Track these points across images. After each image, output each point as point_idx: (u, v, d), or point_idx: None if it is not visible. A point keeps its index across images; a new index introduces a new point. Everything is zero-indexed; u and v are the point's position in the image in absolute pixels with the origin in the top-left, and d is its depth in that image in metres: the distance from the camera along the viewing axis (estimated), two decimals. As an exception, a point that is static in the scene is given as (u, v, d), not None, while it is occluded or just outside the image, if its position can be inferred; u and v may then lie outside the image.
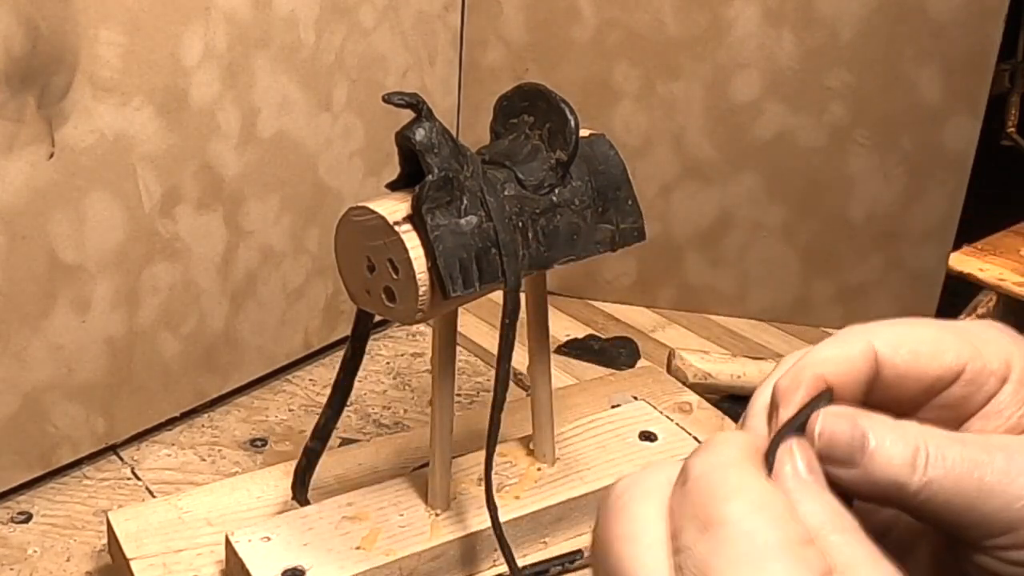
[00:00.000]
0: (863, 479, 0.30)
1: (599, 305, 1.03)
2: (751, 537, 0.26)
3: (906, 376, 0.33)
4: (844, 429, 0.31)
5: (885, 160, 0.94)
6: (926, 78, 0.91)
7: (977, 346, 0.33)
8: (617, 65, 0.95)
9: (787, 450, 0.30)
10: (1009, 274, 1.19)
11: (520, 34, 0.97)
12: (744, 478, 0.28)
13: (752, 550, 0.26)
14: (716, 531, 0.27)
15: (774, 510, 0.27)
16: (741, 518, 0.27)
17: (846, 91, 0.92)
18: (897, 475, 0.30)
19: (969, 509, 0.30)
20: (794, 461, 0.30)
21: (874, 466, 0.30)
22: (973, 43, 0.89)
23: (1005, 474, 0.30)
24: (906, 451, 0.30)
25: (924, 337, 0.33)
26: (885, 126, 0.93)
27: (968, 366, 0.33)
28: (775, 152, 0.95)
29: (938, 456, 0.30)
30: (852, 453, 0.30)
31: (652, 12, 0.93)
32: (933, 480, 0.30)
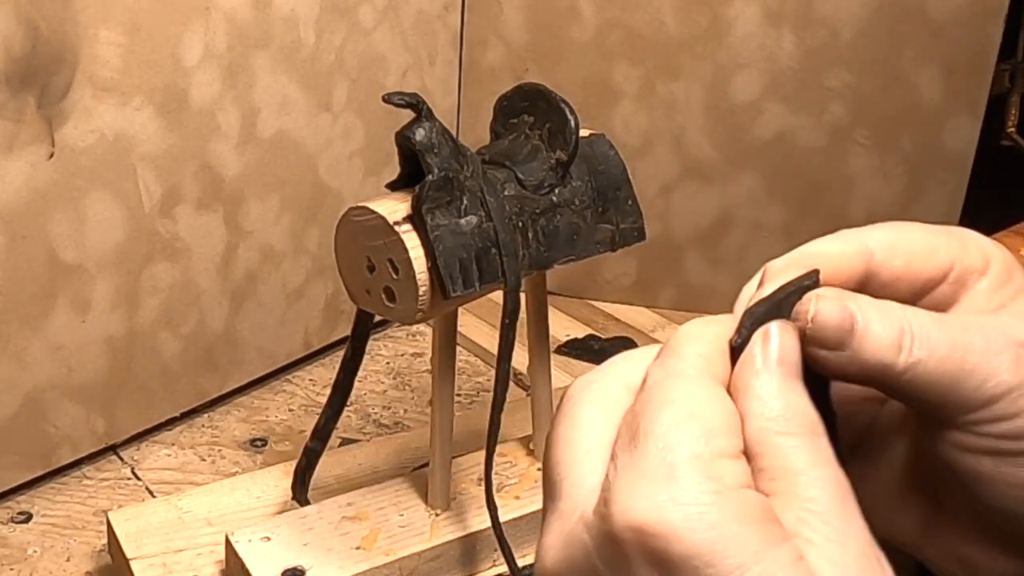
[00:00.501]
0: (850, 362, 0.31)
1: (599, 305, 1.03)
2: (665, 452, 0.26)
3: (901, 278, 0.34)
4: (833, 312, 0.31)
5: (885, 160, 0.94)
6: (926, 78, 0.91)
7: (962, 245, 0.34)
8: (617, 65, 0.95)
9: (762, 336, 0.30)
10: (1009, 274, 1.18)
11: (520, 34, 0.97)
12: (684, 387, 0.28)
13: (661, 465, 0.26)
14: (639, 443, 0.27)
15: (702, 422, 0.27)
16: (663, 431, 0.27)
17: (846, 91, 0.92)
18: (884, 356, 0.31)
19: (950, 387, 0.31)
20: (766, 350, 0.29)
21: (862, 348, 0.31)
22: (973, 43, 0.89)
23: (983, 353, 0.30)
24: (892, 332, 0.31)
25: (917, 239, 0.34)
26: (885, 126, 0.93)
27: (955, 264, 0.34)
28: (775, 152, 0.95)
29: (922, 336, 0.31)
30: (841, 336, 0.31)
31: (652, 12, 0.93)
32: (918, 361, 0.30)
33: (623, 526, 0.26)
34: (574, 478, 0.28)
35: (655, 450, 0.27)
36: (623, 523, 0.26)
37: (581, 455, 0.29)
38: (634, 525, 0.26)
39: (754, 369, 0.29)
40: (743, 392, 0.29)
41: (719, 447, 0.27)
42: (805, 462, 0.27)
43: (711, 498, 0.26)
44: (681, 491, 0.26)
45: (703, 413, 0.27)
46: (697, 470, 0.26)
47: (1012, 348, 0.31)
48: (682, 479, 0.26)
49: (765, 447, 0.28)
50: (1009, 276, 0.34)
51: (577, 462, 0.29)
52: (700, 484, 0.26)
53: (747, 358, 0.29)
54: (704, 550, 0.25)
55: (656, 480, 0.26)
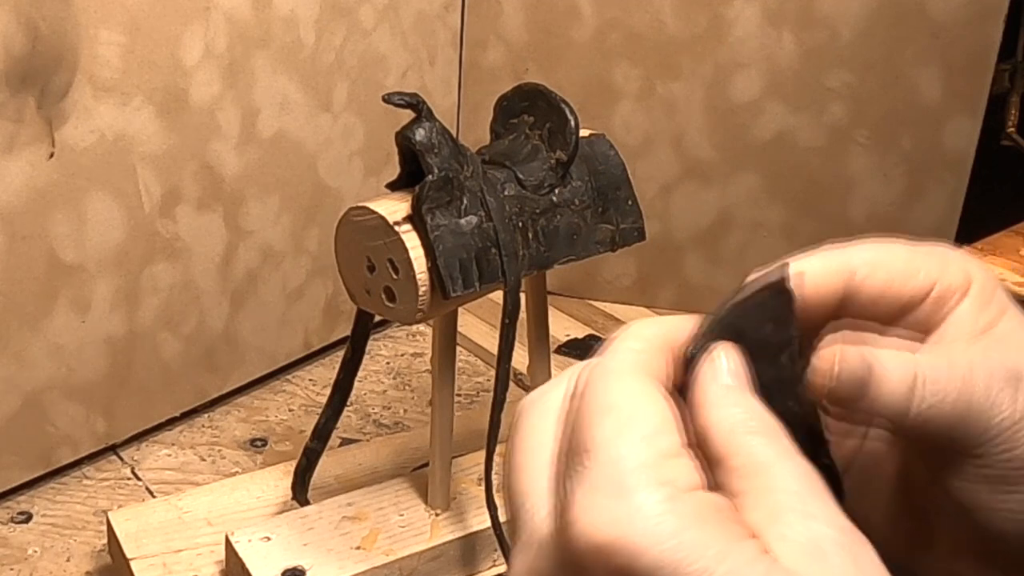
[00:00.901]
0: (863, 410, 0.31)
1: (599, 305, 1.03)
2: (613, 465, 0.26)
3: (882, 297, 0.34)
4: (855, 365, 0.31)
5: (885, 160, 0.94)
6: (926, 78, 0.91)
7: (943, 264, 0.34)
8: (617, 65, 0.95)
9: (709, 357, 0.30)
10: (1009, 274, 1.18)
11: (520, 34, 0.97)
12: (619, 387, 0.28)
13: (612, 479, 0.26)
14: (585, 458, 0.27)
15: (643, 424, 0.27)
16: (607, 441, 0.27)
17: (846, 91, 0.92)
18: (895, 403, 0.31)
19: (957, 427, 0.31)
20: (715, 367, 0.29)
21: (876, 396, 0.31)
22: (973, 43, 0.89)
23: (986, 392, 0.31)
24: (906, 379, 0.31)
25: (898, 258, 0.34)
26: (885, 126, 0.93)
27: (936, 285, 0.34)
28: (775, 152, 0.95)
29: (933, 381, 0.31)
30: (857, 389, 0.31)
31: (652, 12, 0.93)
32: (930, 407, 0.31)
33: (585, 549, 0.26)
34: (529, 505, 0.28)
35: (602, 463, 0.26)
36: (584, 546, 0.26)
37: (533, 479, 0.28)
38: (595, 546, 0.25)
39: (710, 385, 0.29)
40: (703, 406, 0.29)
41: (664, 447, 0.27)
42: (772, 456, 0.27)
43: (666, 506, 0.25)
44: (636, 504, 0.25)
45: (642, 414, 0.27)
46: (648, 478, 0.26)
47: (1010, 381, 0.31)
48: (635, 491, 0.26)
49: (732, 448, 0.27)
50: (991, 295, 0.34)
51: (530, 488, 0.28)
52: (653, 493, 0.26)
53: (700, 376, 0.29)
54: (668, 560, 0.25)
55: (609, 496, 0.26)
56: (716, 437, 0.28)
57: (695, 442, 0.28)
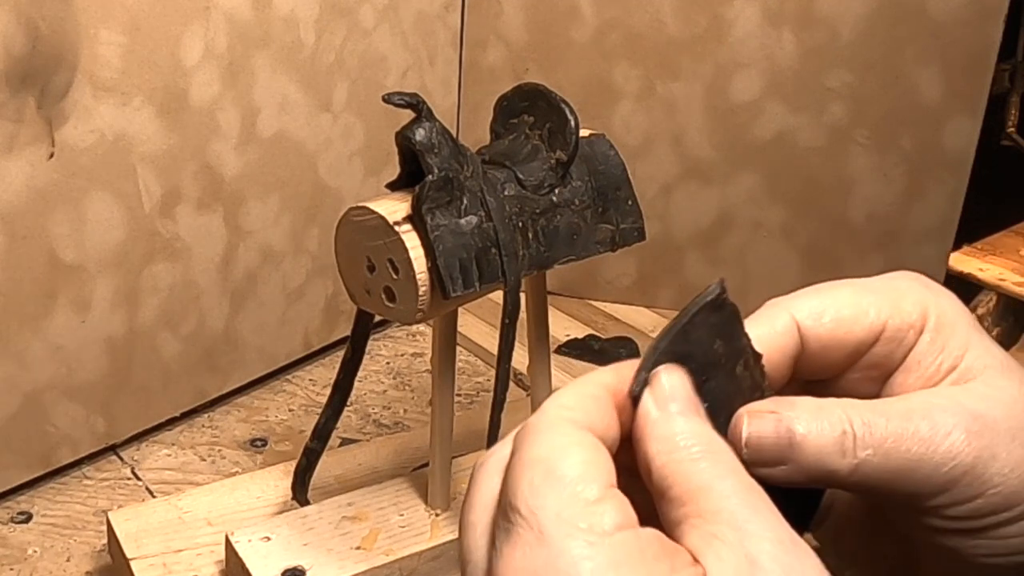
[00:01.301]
0: (793, 473, 0.31)
1: (599, 305, 1.03)
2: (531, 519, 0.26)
3: (830, 345, 0.33)
4: (767, 430, 0.30)
5: (885, 160, 0.94)
6: (926, 78, 0.91)
7: (894, 301, 0.33)
8: (617, 65, 0.95)
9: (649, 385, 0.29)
10: (1009, 274, 1.19)
11: (520, 34, 0.97)
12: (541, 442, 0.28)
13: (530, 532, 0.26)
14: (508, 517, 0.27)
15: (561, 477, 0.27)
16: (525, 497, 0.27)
17: (846, 91, 0.92)
18: (827, 463, 0.30)
19: (901, 479, 0.30)
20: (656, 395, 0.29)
21: (804, 459, 0.30)
22: (973, 43, 0.89)
23: (930, 442, 0.30)
24: (833, 436, 0.30)
25: (844, 302, 0.33)
26: (885, 126, 0.93)
27: (888, 323, 0.33)
28: (775, 152, 0.95)
29: (864, 436, 0.30)
30: (780, 453, 0.30)
31: (652, 12, 0.93)
32: (864, 461, 0.30)
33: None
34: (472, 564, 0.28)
35: (524, 517, 0.26)
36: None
37: (476, 537, 0.28)
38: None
39: (649, 417, 0.29)
40: (644, 440, 0.28)
41: (586, 495, 0.26)
42: (709, 477, 0.27)
43: (584, 551, 0.25)
44: (554, 553, 0.25)
45: (563, 464, 0.27)
46: (567, 527, 0.26)
47: (963, 426, 0.30)
48: (553, 540, 0.25)
49: (672, 477, 0.27)
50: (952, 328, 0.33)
51: (474, 546, 0.28)
52: (570, 541, 0.25)
53: (640, 410, 0.29)
54: None
55: (528, 549, 0.26)
56: (655, 469, 0.28)
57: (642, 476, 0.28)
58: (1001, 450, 0.30)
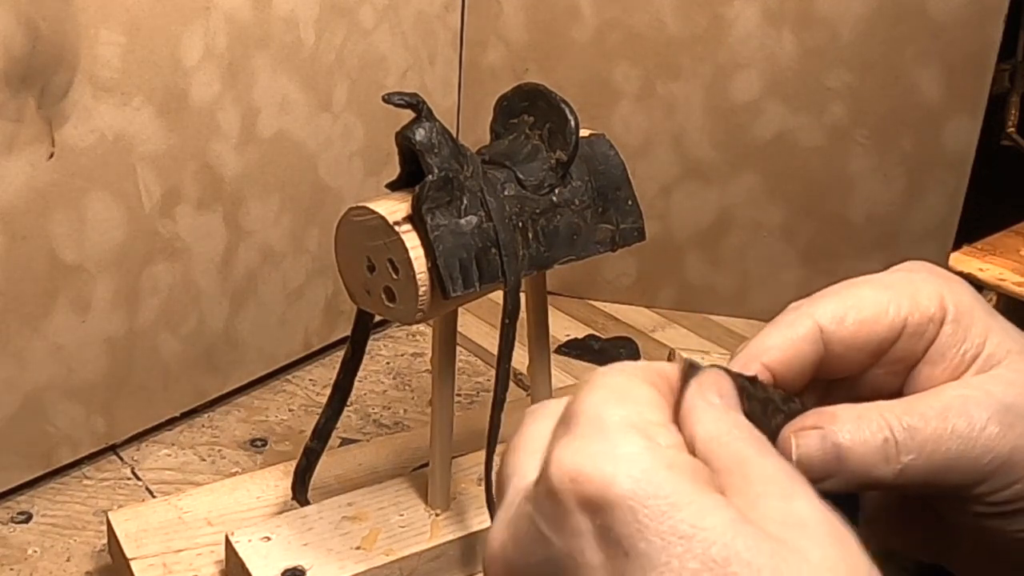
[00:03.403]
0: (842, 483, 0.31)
1: (599, 305, 1.03)
2: (596, 420, 0.27)
3: (853, 346, 0.34)
4: (815, 447, 0.31)
5: (885, 160, 0.94)
6: (926, 78, 0.91)
7: (912, 295, 0.34)
8: (617, 65, 0.95)
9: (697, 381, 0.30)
10: (1009, 274, 1.19)
11: (520, 34, 0.97)
12: (612, 378, 0.29)
13: (594, 428, 0.27)
14: (572, 419, 0.28)
15: (631, 399, 0.28)
16: (594, 406, 0.28)
17: (846, 91, 0.92)
18: (872, 471, 0.31)
19: (941, 477, 0.31)
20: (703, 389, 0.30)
21: (850, 470, 0.31)
22: (973, 43, 0.89)
23: (968, 439, 0.31)
24: (876, 445, 0.31)
25: (865, 303, 0.34)
26: (885, 126, 0.93)
27: (908, 319, 0.34)
28: (775, 152, 0.95)
29: (905, 440, 0.31)
30: (827, 468, 0.31)
31: (652, 12, 0.93)
32: (907, 465, 0.31)
33: (559, 479, 0.26)
34: (518, 473, 0.29)
35: (587, 420, 0.27)
36: (559, 476, 0.26)
37: (526, 456, 0.29)
38: (570, 475, 0.26)
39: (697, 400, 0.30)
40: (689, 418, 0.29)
41: (648, 417, 0.28)
42: (752, 452, 0.28)
43: (642, 449, 0.26)
44: (613, 444, 0.26)
45: (630, 393, 0.28)
46: (628, 429, 0.27)
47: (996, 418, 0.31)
48: (613, 435, 0.27)
49: (715, 452, 0.28)
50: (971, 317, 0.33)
51: (521, 462, 0.29)
52: (631, 438, 0.27)
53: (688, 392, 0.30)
54: (638, 490, 0.25)
55: (589, 439, 0.27)
56: (701, 440, 0.28)
57: None
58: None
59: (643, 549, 0.25)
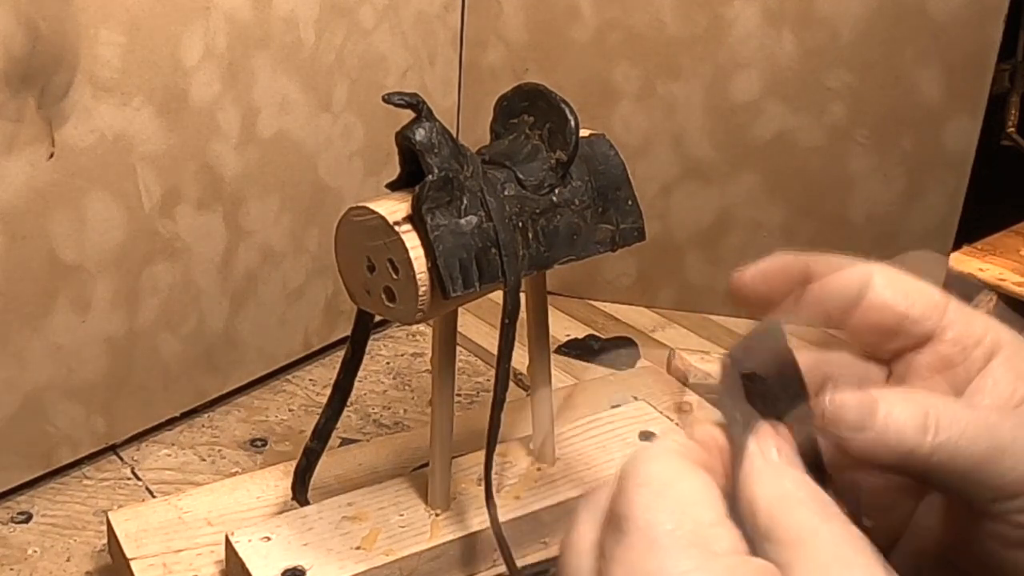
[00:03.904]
0: (874, 443, 0.31)
1: (599, 305, 1.03)
2: (645, 529, 0.27)
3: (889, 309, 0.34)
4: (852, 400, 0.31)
5: (885, 160, 0.94)
6: (926, 78, 0.91)
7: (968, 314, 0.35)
8: (617, 65, 0.95)
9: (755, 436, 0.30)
10: (1009, 274, 1.19)
11: (520, 34, 0.97)
12: (656, 466, 0.28)
13: (643, 541, 0.26)
14: (619, 526, 0.27)
15: (677, 496, 0.27)
16: (641, 510, 0.27)
17: (846, 91, 0.92)
18: (909, 438, 0.31)
19: (982, 468, 0.31)
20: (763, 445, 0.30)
21: (886, 429, 0.31)
22: (973, 43, 0.89)
23: (1013, 439, 0.31)
24: (916, 414, 0.31)
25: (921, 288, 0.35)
26: (885, 126, 0.93)
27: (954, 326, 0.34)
28: (775, 152, 0.95)
29: (948, 419, 0.31)
30: (863, 418, 0.31)
31: (652, 12, 0.93)
32: (946, 441, 0.31)
33: None
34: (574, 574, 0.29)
35: (635, 528, 0.27)
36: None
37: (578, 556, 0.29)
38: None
39: (756, 459, 0.29)
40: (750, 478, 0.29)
41: (698, 517, 0.27)
42: (815, 521, 0.27)
43: (696, 563, 0.26)
44: (666, 562, 0.26)
45: (677, 487, 0.28)
46: (679, 540, 0.26)
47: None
48: (665, 550, 0.26)
49: (776, 520, 0.28)
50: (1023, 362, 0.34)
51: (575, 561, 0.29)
52: (684, 552, 0.26)
53: (748, 451, 0.30)
54: None
55: (640, 556, 0.26)
56: (762, 508, 0.28)
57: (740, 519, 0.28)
58: None
59: None
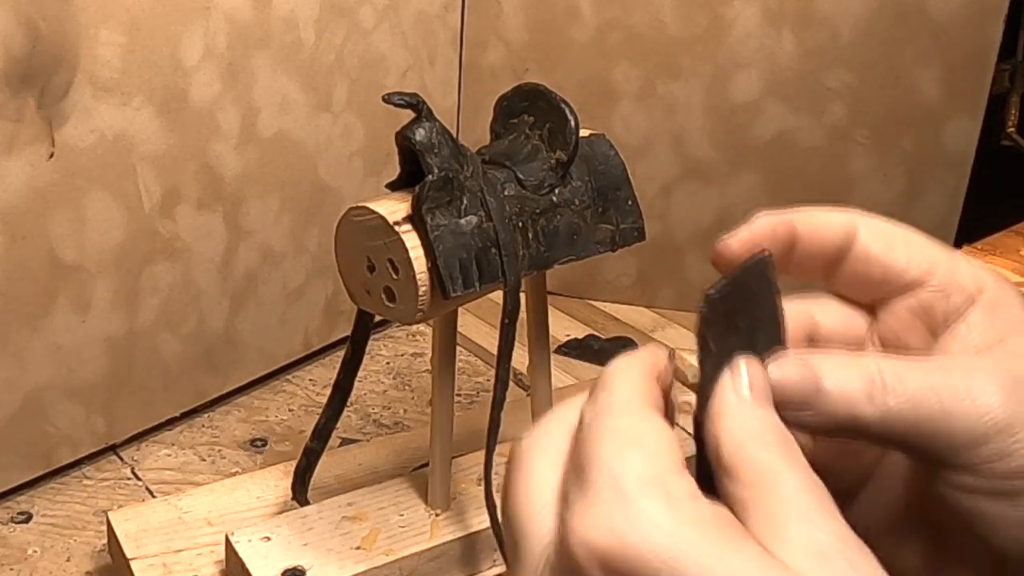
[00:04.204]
0: (820, 418, 0.31)
1: (599, 305, 1.03)
2: (611, 478, 0.27)
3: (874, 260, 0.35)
4: (794, 374, 0.31)
5: (885, 160, 0.94)
6: (926, 78, 0.91)
7: (953, 261, 0.34)
8: (617, 65, 0.95)
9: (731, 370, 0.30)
10: (1009, 274, 1.18)
11: (520, 34, 0.97)
12: (618, 417, 0.29)
13: (610, 491, 0.26)
14: (585, 476, 0.27)
15: (641, 446, 0.27)
16: (606, 460, 0.27)
17: (846, 91, 0.92)
18: (854, 409, 0.31)
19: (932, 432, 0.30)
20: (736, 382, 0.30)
21: (830, 403, 0.31)
22: (973, 43, 0.89)
23: (964, 396, 0.30)
24: (860, 383, 0.31)
25: (905, 236, 0.35)
26: (885, 126, 0.93)
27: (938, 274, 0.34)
28: (775, 152, 0.95)
29: (894, 384, 0.30)
30: (805, 396, 0.31)
31: (652, 12, 0.93)
32: (892, 408, 0.30)
33: (585, 558, 0.26)
34: (531, 533, 0.28)
35: (601, 478, 0.27)
36: (584, 555, 0.26)
37: (536, 510, 0.29)
38: (595, 554, 0.26)
39: (728, 395, 0.29)
40: (718, 421, 0.29)
41: (662, 465, 0.27)
42: (779, 465, 0.27)
43: (663, 510, 0.26)
44: (633, 510, 0.26)
45: (641, 438, 0.28)
46: (645, 488, 0.26)
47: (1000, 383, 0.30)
48: (632, 499, 0.26)
49: (740, 459, 0.28)
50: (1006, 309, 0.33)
51: (532, 518, 0.29)
52: (650, 499, 0.26)
53: (719, 391, 0.30)
54: (667, 559, 0.25)
55: (607, 505, 0.26)
56: (728, 445, 0.28)
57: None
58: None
59: None
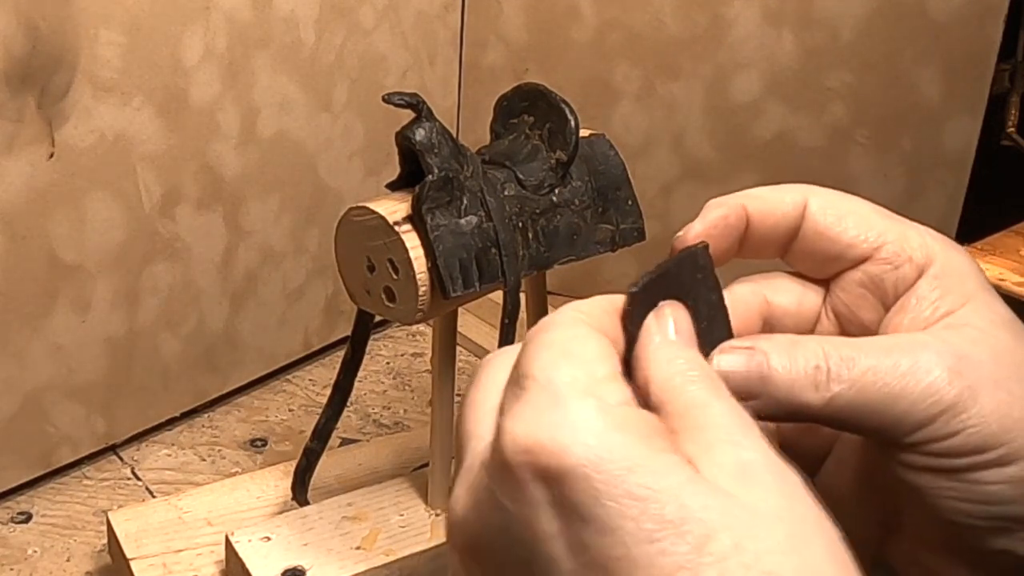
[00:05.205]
0: (767, 406, 0.31)
1: (599, 305, 1.03)
2: (546, 384, 0.27)
3: (823, 236, 0.35)
4: (739, 365, 0.31)
5: (885, 160, 0.94)
6: (926, 78, 0.91)
7: (903, 232, 0.34)
8: (617, 65, 0.95)
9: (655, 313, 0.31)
10: (1009, 274, 1.18)
11: (520, 34, 0.97)
12: (559, 331, 0.29)
13: (544, 393, 0.27)
14: (522, 383, 0.28)
15: (578, 355, 0.28)
16: (542, 368, 0.28)
17: (846, 91, 0.92)
18: (799, 396, 0.31)
19: (876, 415, 0.31)
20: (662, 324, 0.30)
21: (776, 392, 0.31)
22: (973, 43, 0.89)
23: (910, 378, 0.30)
24: (806, 371, 0.31)
25: (855, 209, 0.35)
26: (885, 126, 0.93)
27: (887, 245, 0.34)
28: (775, 152, 0.95)
29: (839, 369, 0.31)
30: (750, 386, 0.31)
31: (652, 12, 0.93)
32: (837, 395, 0.31)
33: (513, 451, 0.26)
34: (473, 434, 0.29)
35: (537, 385, 0.27)
36: (513, 449, 0.26)
37: (482, 415, 0.29)
38: (523, 447, 0.26)
39: (653, 340, 0.30)
40: (645, 359, 0.30)
41: (597, 373, 0.28)
42: (705, 396, 0.28)
43: (594, 414, 0.26)
44: (564, 410, 0.26)
45: (578, 349, 0.28)
46: (578, 391, 0.27)
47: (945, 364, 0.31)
48: (564, 400, 0.27)
49: (668, 394, 0.28)
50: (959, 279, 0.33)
51: (476, 422, 0.29)
52: (582, 402, 0.27)
53: (645, 333, 0.30)
54: (592, 456, 0.25)
55: (540, 406, 0.27)
56: (656, 384, 0.29)
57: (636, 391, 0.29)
58: (983, 392, 0.30)
59: (599, 514, 0.25)
